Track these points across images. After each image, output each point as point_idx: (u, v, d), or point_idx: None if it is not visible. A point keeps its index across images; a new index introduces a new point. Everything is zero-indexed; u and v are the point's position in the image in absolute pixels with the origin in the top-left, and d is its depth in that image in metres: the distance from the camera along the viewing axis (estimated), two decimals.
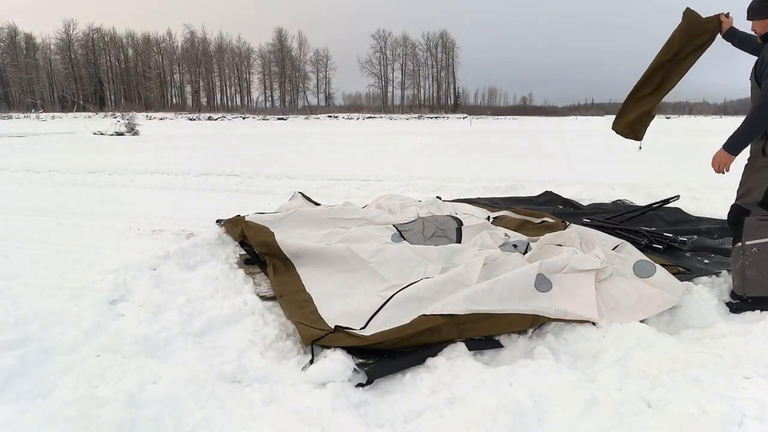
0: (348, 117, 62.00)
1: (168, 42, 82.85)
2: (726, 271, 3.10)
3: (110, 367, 2.11)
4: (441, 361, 2.19)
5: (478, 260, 2.89)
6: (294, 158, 11.58)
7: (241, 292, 3.04)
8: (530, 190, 6.61)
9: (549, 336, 2.45)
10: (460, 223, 3.97)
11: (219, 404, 1.93)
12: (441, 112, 76.92)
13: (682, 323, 2.63)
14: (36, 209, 5.86)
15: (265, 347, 2.41)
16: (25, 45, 75.71)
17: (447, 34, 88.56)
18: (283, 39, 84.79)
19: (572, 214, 4.91)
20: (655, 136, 4.73)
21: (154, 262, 3.41)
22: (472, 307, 2.39)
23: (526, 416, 1.79)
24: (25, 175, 8.77)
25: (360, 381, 2.09)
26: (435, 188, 6.97)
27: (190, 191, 7.18)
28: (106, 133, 22.48)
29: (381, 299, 2.69)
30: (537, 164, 10.04)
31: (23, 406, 1.87)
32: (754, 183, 2.67)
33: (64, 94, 75.48)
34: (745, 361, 2.11)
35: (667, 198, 4.42)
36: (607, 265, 2.83)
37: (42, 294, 3.03)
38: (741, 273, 2.69)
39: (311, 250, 3.33)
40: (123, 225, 5.01)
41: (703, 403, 1.80)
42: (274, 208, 5.22)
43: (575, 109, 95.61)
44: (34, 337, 2.33)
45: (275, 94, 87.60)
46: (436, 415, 1.87)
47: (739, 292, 2.73)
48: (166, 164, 9.77)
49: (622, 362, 2.16)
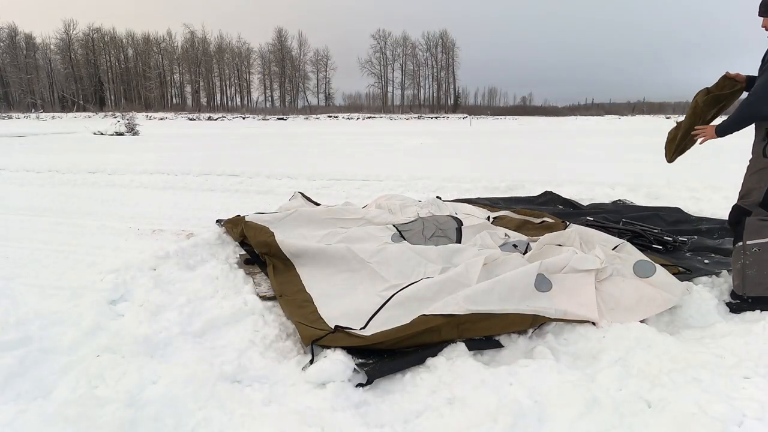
0: (348, 117, 62.01)
1: (168, 42, 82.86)
2: (726, 271, 3.10)
3: (110, 367, 2.11)
4: (441, 361, 2.19)
5: (478, 260, 2.89)
6: (294, 158, 11.58)
7: (241, 292, 3.04)
8: (530, 190, 6.61)
9: (549, 336, 2.45)
10: (460, 223, 3.97)
11: (219, 404, 1.93)
12: (441, 112, 76.90)
13: (682, 323, 2.63)
14: (36, 209, 5.86)
15: (265, 347, 2.41)
16: (25, 45, 75.69)
17: (447, 34, 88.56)
18: (283, 39, 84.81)
19: (572, 214, 4.91)
20: (655, 136, 4.73)
21: (154, 262, 3.41)
22: (472, 307, 2.38)
23: (526, 416, 1.79)
24: (25, 175, 8.77)
25: (360, 381, 2.09)
26: (435, 188, 6.97)
27: (190, 191, 7.18)
28: (106, 133, 22.49)
29: (381, 299, 2.69)
30: (537, 164, 10.04)
31: (23, 406, 1.87)
32: (754, 184, 2.70)
33: (64, 94, 75.47)
34: (745, 361, 2.11)
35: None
36: (607, 265, 2.83)
37: (42, 294, 3.03)
38: (741, 273, 2.69)
39: (311, 250, 3.33)
40: (123, 225, 5.01)
41: (703, 403, 1.80)
42: (274, 208, 5.22)
43: (575, 109, 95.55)
44: (34, 337, 2.33)
45: (275, 94, 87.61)
46: (436, 415, 1.87)
47: (739, 292, 2.73)
48: (166, 164, 9.77)
49: (622, 362, 2.16)
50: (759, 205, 2.67)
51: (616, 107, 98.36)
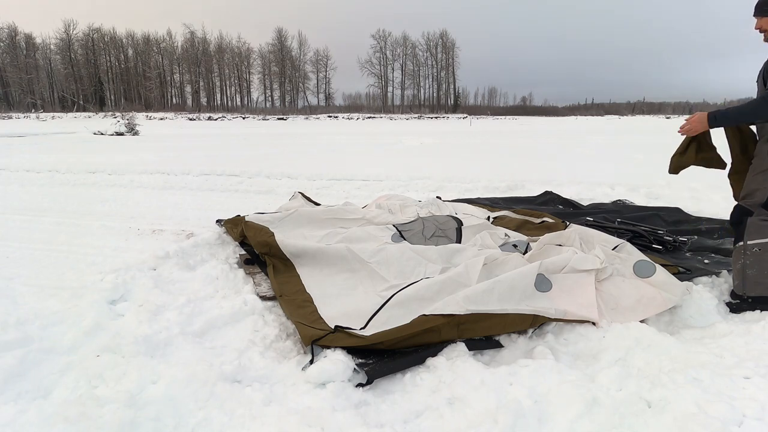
0: (348, 117, 62.02)
1: (168, 42, 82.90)
2: (726, 271, 3.10)
3: (110, 367, 2.11)
4: (441, 361, 2.18)
5: (478, 260, 2.89)
6: (294, 158, 11.58)
7: (241, 292, 3.04)
8: (530, 190, 6.61)
9: (549, 336, 2.45)
10: (460, 223, 3.97)
11: (219, 404, 1.93)
12: (441, 112, 76.92)
13: (682, 323, 2.63)
14: (36, 209, 5.86)
15: (265, 347, 2.41)
16: (25, 45, 75.74)
17: (447, 34, 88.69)
18: (283, 39, 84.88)
19: (572, 214, 4.91)
20: (655, 136, 4.72)
21: (154, 262, 3.41)
22: (472, 307, 2.38)
23: (526, 416, 1.79)
24: (25, 175, 8.77)
25: (360, 381, 2.09)
26: (435, 188, 6.97)
27: (190, 191, 7.18)
28: (106, 133, 22.48)
29: (381, 299, 2.69)
30: (537, 164, 10.04)
31: (23, 406, 1.87)
32: (758, 184, 2.66)
33: (64, 94, 75.47)
34: (745, 361, 2.11)
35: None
36: (607, 265, 2.83)
37: (42, 294, 3.03)
38: (742, 272, 2.68)
39: (311, 250, 3.33)
40: (123, 225, 5.01)
41: (703, 403, 1.80)
42: (274, 208, 5.22)
43: (575, 109, 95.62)
44: (34, 337, 2.32)
45: (275, 94, 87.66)
46: (436, 415, 1.86)
47: (739, 292, 2.72)
48: (166, 164, 9.76)
49: (622, 362, 2.16)
50: (762, 205, 2.64)
51: (616, 107, 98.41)
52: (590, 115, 78.34)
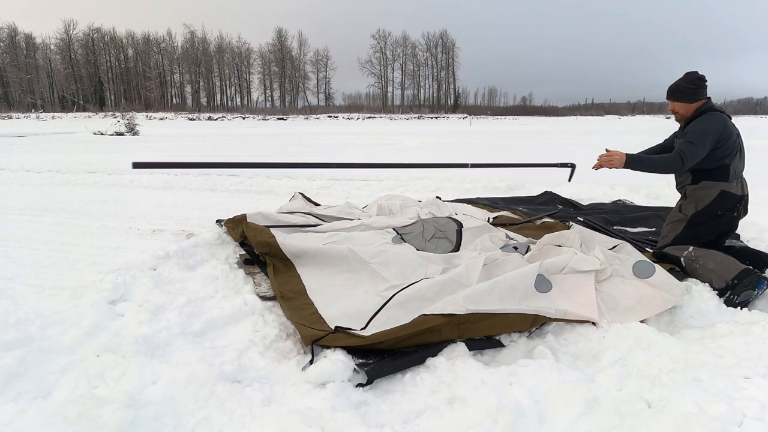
0: (348, 117, 62.03)
1: (168, 42, 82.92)
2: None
3: (110, 367, 2.11)
4: (441, 361, 2.18)
5: (478, 261, 2.89)
6: (294, 158, 11.57)
7: (241, 292, 3.04)
8: (530, 190, 6.61)
9: (549, 336, 2.45)
10: (460, 225, 3.96)
11: (219, 404, 1.93)
12: (441, 113, 76.93)
13: (682, 323, 2.63)
14: (36, 209, 5.86)
15: (265, 347, 2.41)
16: (25, 45, 75.77)
17: (447, 34, 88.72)
18: (283, 39, 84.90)
19: (572, 215, 4.90)
20: (655, 136, 4.73)
21: (154, 262, 3.41)
22: (472, 307, 2.38)
23: (526, 416, 1.79)
24: (25, 175, 8.76)
25: (360, 381, 2.09)
26: (435, 188, 6.97)
27: (190, 191, 7.18)
28: (106, 133, 22.48)
29: (382, 299, 2.69)
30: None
31: (23, 406, 1.87)
32: (668, 232, 3.35)
33: (64, 94, 75.47)
34: (745, 361, 2.11)
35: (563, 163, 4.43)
36: (606, 266, 2.83)
37: (42, 294, 3.03)
38: (706, 271, 2.94)
39: (312, 250, 3.33)
40: (123, 225, 5.01)
41: (703, 403, 1.80)
42: (274, 208, 5.22)
43: (575, 109, 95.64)
44: (34, 337, 2.32)
45: (275, 94, 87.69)
46: (436, 415, 1.86)
47: (720, 285, 2.84)
48: None
49: (622, 362, 2.16)
50: (669, 244, 3.30)
51: (616, 107, 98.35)
52: (590, 115, 78.33)
